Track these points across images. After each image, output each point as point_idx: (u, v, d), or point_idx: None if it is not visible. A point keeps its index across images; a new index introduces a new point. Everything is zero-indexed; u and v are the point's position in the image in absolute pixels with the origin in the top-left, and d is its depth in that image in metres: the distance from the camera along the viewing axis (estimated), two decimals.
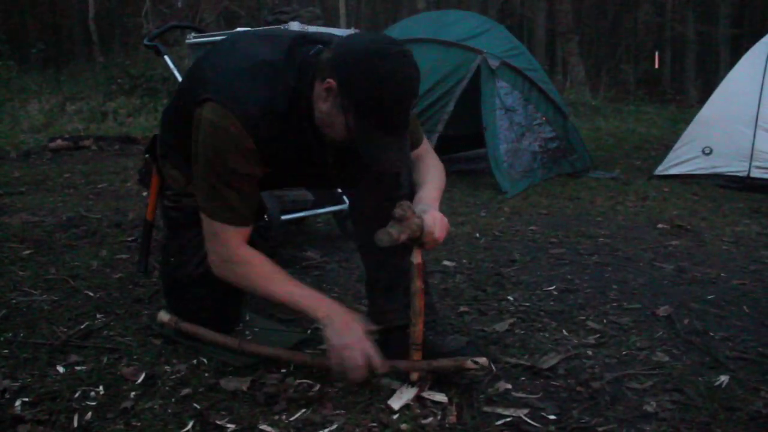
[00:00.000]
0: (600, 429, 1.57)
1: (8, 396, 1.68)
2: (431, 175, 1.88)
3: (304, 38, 1.74)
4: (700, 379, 1.82)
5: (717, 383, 1.79)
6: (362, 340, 1.64)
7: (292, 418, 1.59)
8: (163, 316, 2.00)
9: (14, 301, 2.38)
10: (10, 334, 2.07)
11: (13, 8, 22.74)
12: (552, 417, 1.62)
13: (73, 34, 23.97)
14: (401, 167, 1.69)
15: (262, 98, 1.65)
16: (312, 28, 3.04)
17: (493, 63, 5.10)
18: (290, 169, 1.82)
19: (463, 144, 6.14)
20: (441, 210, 1.77)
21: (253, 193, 1.75)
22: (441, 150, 5.62)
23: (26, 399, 1.66)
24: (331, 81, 1.57)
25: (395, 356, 1.84)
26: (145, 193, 2.42)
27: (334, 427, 1.55)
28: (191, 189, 1.91)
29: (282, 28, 2.99)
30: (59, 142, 6.97)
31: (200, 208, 1.75)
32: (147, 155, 2.19)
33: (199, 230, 1.95)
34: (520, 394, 1.73)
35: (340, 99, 1.57)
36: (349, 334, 1.64)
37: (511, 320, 2.26)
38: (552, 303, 2.46)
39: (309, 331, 2.13)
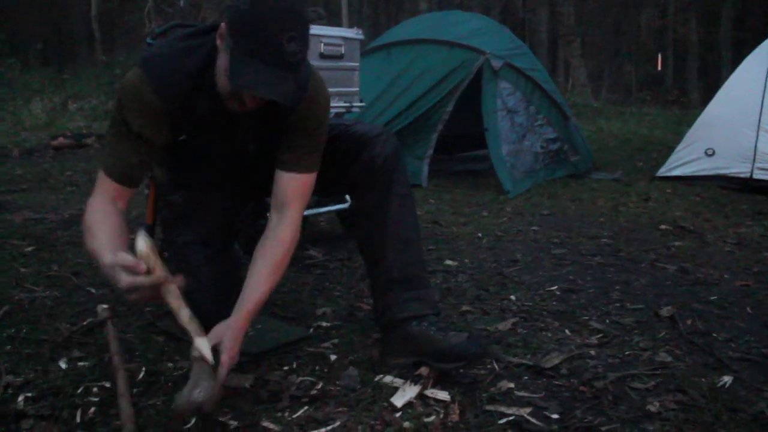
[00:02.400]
0: (603, 428, 1.56)
1: (11, 391, 1.68)
2: (269, 269, 1.76)
3: None
4: (703, 379, 1.81)
5: (720, 384, 1.79)
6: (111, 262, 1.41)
7: (294, 416, 1.59)
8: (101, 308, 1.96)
9: (17, 297, 2.38)
10: (13, 330, 2.07)
11: (16, 7, 22.76)
12: (555, 416, 1.61)
13: (75, 33, 23.99)
14: (279, 96, 1.55)
15: (176, 61, 1.68)
16: (315, 28, 3.04)
17: (496, 64, 5.09)
18: (208, 145, 1.82)
19: (466, 144, 6.15)
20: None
21: (142, 156, 1.69)
22: (444, 150, 5.68)
23: (29, 394, 1.66)
24: (222, 24, 1.58)
25: (397, 349, 1.85)
26: (147, 191, 2.46)
27: (337, 424, 1.55)
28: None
29: None
30: (61, 140, 6.98)
31: None
32: None
33: (191, 227, 1.98)
34: (522, 393, 1.73)
35: (226, 38, 1.55)
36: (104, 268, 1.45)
37: (514, 320, 2.25)
38: (554, 303, 2.46)
39: (311, 329, 2.13)
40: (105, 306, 2.00)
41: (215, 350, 1.55)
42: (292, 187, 1.79)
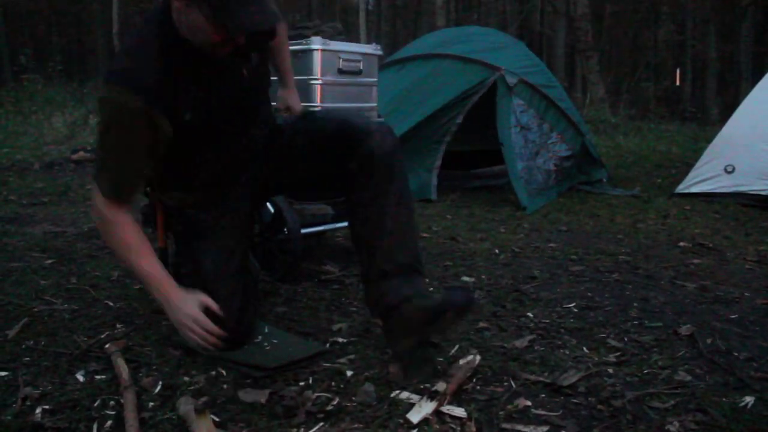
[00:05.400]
0: None
1: (29, 403, 1.69)
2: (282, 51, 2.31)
3: None
4: (724, 399, 1.79)
5: (742, 404, 1.76)
6: (190, 314, 1.76)
7: (310, 431, 1.59)
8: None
9: (36, 309, 2.40)
10: (32, 342, 2.09)
11: (40, 23, 23.16)
12: None
13: (97, 49, 24.33)
14: (267, 24, 1.71)
15: (137, 56, 1.76)
16: (334, 44, 3.06)
17: (511, 80, 5.09)
18: (214, 106, 1.88)
19: (483, 160, 6.14)
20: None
21: (138, 164, 1.81)
22: (461, 166, 5.66)
23: (47, 407, 1.67)
24: None
25: (396, 336, 1.89)
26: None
27: None
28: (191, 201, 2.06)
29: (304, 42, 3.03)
30: (81, 153, 7.05)
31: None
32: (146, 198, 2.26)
33: (205, 240, 2.03)
34: (540, 411, 1.71)
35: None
36: (178, 310, 1.78)
37: (531, 337, 2.24)
38: (572, 320, 2.44)
39: (328, 345, 2.13)
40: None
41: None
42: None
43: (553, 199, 5.13)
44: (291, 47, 2.97)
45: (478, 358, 1.94)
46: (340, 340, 2.18)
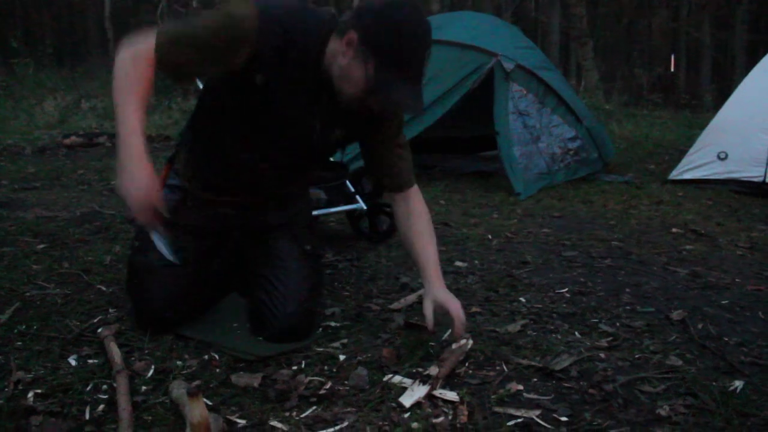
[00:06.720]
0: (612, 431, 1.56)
1: (21, 387, 1.69)
2: (426, 235, 2.07)
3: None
4: (714, 383, 1.80)
5: (731, 388, 1.77)
6: (142, 184, 1.69)
7: (302, 415, 1.59)
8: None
9: (28, 294, 2.39)
10: (24, 327, 2.08)
11: (31, 7, 22.95)
12: (564, 419, 1.61)
13: (88, 33, 24.14)
14: (419, 111, 1.87)
15: (291, 23, 1.75)
16: None
17: (508, 66, 5.06)
18: (280, 105, 1.86)
19: (479, 145, 6.13)
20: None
21: (198, 57, 1.75)
22: (456, 150, 5.63)
23: (39, 391, 1.67)
24: (352, 33, 1.69)
25: None
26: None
27: (345, 424, 1.54)
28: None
29: None
30: (74, 138, 7.02)
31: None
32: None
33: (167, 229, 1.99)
34: (531, 395, 1.72)
35: (361, 50, 1.69)
36: (131, 178, 1.69)
37: (523, 321, 2.24)
38: (564, 305, 2.45)
39: (320, 329, 2.13)
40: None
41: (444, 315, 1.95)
42: (405, 170, 2.08)
43: (558, 182, 5.12)
44: None
45: (470, 342, 1.95)
46: (333, 324, 2.18)
